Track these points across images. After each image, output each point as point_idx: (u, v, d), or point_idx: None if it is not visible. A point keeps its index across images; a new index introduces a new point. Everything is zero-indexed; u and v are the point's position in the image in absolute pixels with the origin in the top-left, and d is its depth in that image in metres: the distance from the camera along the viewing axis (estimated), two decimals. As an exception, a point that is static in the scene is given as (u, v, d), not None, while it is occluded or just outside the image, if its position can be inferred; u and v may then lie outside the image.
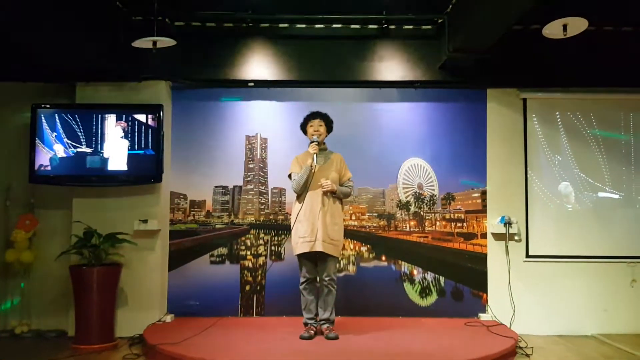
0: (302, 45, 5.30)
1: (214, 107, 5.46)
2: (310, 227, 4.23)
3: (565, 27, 4.20)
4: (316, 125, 4.46)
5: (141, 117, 5.06)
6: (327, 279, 4.28)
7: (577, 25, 4.21)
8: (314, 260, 4.32)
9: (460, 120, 5.45)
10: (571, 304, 5.23)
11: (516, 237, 5.30)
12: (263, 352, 4.01)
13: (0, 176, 5.22)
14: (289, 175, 4.48)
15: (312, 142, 4.38)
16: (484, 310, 5.24)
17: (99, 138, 5.04)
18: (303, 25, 5.30)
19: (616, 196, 5.40)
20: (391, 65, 5.32)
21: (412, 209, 5.48)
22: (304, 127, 4.54)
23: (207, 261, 5.39)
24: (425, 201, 5.48)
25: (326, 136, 4.53)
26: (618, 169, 5.41)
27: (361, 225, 5.50)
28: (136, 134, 5.05)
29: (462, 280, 5.33)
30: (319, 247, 4.20)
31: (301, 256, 4.31)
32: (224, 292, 5.29)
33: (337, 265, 4.68)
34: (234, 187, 5.51)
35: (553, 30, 4.28)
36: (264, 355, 3.95)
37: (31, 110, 5.00)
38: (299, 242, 4.27)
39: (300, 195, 4.36)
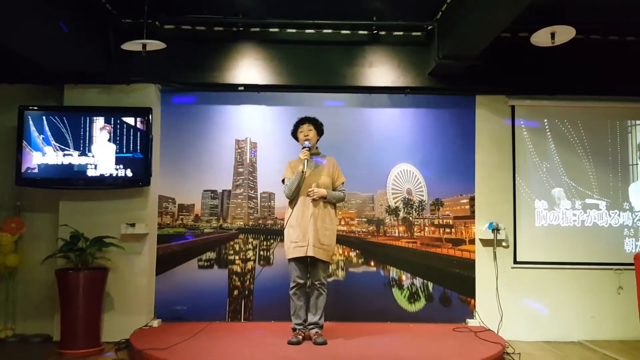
0: (292, 50, 5.31)
1: (204, 110, 5.44)
2: (302, 232, 4.24)
3: (553, 35, 4.25)
4: (305, 130, 4.45)
5: (130, 120, 5.03)
6: (317, 283, 4.30)
7: (565, 33, 4.25)
8: (306, 264, 4.32)
9: (450, 127, 5.47)
10: (558, 311, 5.25)
11: (504, 243, 5.33)
12: (251, 358, 4.00)
13: (-14, 178, 5.16)
14: (283, 180, 4.48)
15: (303, 147, 4.38)
16: (471, 316, 5.25)
17: (87, 141, 4.99)
18: (293, 30, 5.32)
19: (603, 203, 5.45)
20: (381, 71, 5.34)
21: (401, 214, 5.49)
22: (294, 134, 4.54)
23: (195, 265, 5.36)
24: (414, 207, 5.49)
25: (317, 140, 4.53)
26: (605, 176, 5.46)
27: (350, 231, 5.50)
28: (125, 137, 5.02)
29: (450, 286, 5.34)
30: (310, 252, 4.20)
31: (293, 260, 4.31)
32: (212, 297, 5.26)
33: (327, 271, 4.67)
34: (223, 191, 5.49)
35: (541, 38, 4.32)
36: (252, 361, 3.94)
37: (18, 112, 4.95)
38: (291, 246, 4.28)
39: (293, 200, 4.36)
